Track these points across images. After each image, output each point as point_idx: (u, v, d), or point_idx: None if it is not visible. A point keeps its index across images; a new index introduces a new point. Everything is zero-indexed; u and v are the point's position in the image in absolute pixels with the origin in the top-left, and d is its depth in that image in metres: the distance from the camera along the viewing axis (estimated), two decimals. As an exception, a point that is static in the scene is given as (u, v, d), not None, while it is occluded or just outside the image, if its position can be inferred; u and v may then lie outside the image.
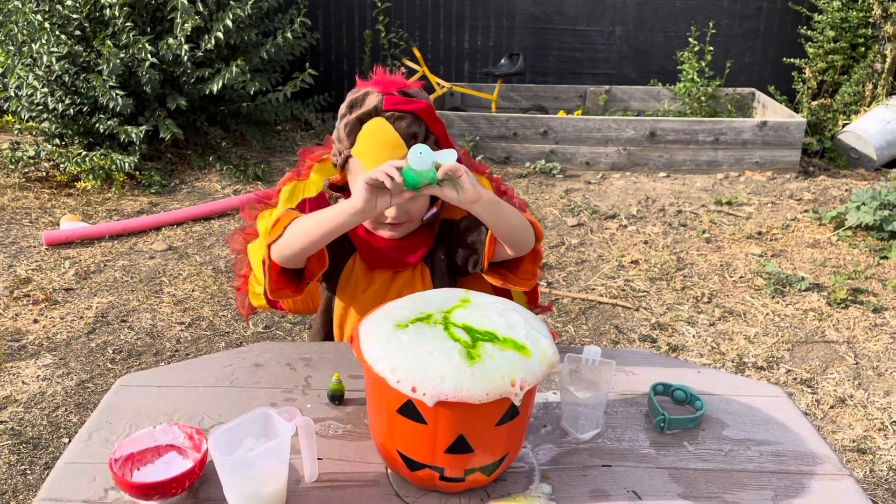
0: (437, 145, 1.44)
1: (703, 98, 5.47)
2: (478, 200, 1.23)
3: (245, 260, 1.67)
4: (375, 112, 1.38)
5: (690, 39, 5.59)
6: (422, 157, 1.18)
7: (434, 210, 1.51)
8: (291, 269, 1.43)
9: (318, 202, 1.59)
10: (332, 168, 1.60)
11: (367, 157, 1.38)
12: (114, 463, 1.06)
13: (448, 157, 1.20)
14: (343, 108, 1.44)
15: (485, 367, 1.01)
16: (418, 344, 1.04)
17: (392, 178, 1.18)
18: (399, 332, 1.06)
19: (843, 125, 5.32)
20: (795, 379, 2.77)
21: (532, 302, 1.72)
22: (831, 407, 2.63)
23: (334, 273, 1.54)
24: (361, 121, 1.39)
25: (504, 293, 1.64)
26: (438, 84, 5.46)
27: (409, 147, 1.38)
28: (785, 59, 5.71)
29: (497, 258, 1.44)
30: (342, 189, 1.52)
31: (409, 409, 1.03)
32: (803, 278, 3.46)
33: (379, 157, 1.35)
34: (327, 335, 1.63)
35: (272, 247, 1.37)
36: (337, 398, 1.30)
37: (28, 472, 2.24)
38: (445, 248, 1.55)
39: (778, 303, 3.32)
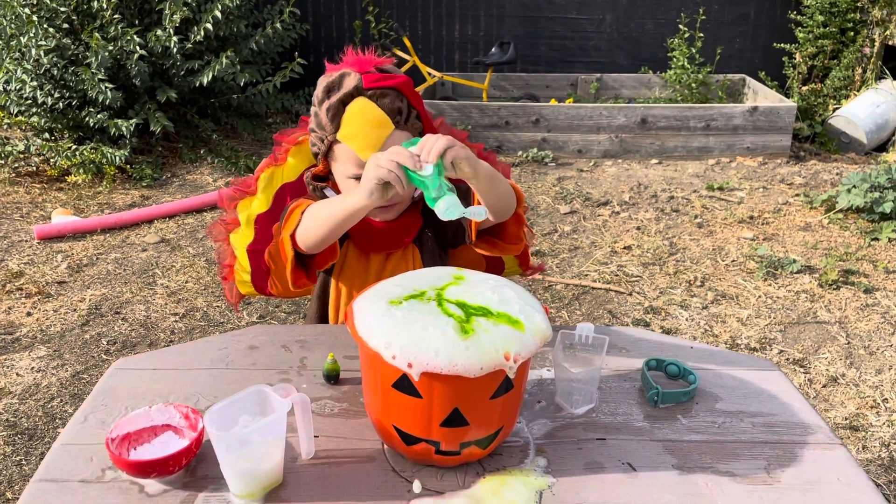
0: (420, 120, 1.43)
1: (693, 84, 5.48)
2: (476, 175, 1.24)
3: (228, 249, 1.66)
4: (357, 92, 1.36)
5: (681, 26, 5.59)
6: (449, 212, 1.15)
7: None
8: (300, 260, 1.43)
9: (298, 187, 1.58)
10: (309, 151, 1.57)
11: (355, 140, 1.37)
12: (110, 442, 1.06)
13: (478, 215, 1.19)
14: (319, 93, 1.40)
15: (479, 340, 1.02)
16: (412, 319, 1.04)
17: (401, 180, 1.18)
18: (393, 309, 1.07)
19: (834, 110, 5.34)
20: (788, 359, 2.79)
21: (523, 264, 1.72)
22: (824, 386, 2.65)
23: None
24: (344, 102, 1.37)
25: (495, 260, 1.65)
26: (429, 73, 5.45)
27: (394, 123, 1.37)
28: (775, 44, 5.72)
29: (482, 227, 1.44)
30: (325, 179, 1.51)
31: (404, 384, 1.03)
32: (795, 261, 3.48)
33: (368, 137, 1.35)
34: (322, 320, 1.63)
35: (295, 235, 1.37)
36: (332, 378, 1.30)
37: (24, 462, 2.24)
38: (431, 225, 1.55)
39: (770, 285, 3.34)
